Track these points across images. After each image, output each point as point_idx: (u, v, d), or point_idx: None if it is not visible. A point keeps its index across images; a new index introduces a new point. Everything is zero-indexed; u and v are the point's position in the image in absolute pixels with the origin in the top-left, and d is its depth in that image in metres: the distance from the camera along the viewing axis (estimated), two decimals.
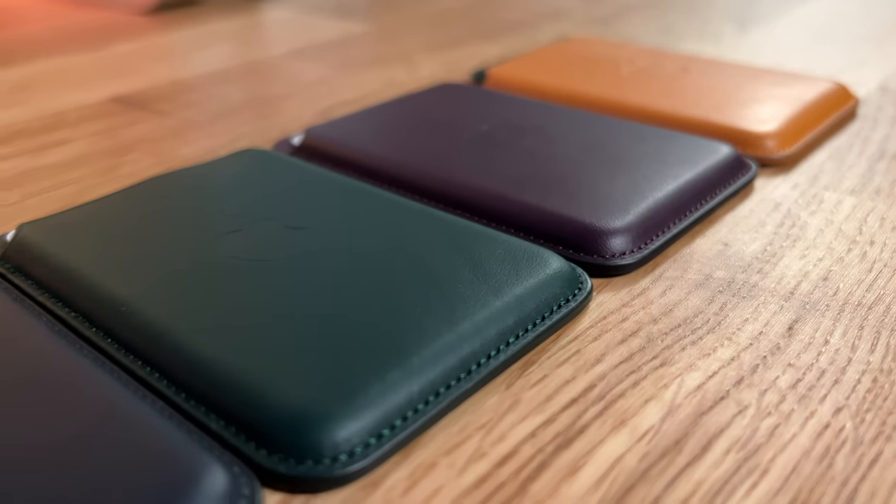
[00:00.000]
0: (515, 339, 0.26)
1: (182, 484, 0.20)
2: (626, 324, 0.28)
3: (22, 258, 0.31)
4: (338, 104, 0.51)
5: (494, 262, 0.29)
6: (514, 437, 0.23)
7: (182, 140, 0.45)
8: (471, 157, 0.38)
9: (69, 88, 0.54)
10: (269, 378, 0.23)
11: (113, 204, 0.34)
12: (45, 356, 0.24)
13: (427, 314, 0.26)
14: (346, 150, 0.39)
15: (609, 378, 0.26)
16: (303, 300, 0.26)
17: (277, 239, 0.30)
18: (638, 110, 0.44)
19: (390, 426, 0.22)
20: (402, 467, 0.22)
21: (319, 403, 0.22)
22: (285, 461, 0.21)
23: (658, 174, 0.36)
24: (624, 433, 0.23)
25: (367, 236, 0.30)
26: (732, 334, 0.28)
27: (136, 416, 0.22)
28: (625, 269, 0.31)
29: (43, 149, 0.44)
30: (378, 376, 0.23)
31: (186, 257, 0.29)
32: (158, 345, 0.25)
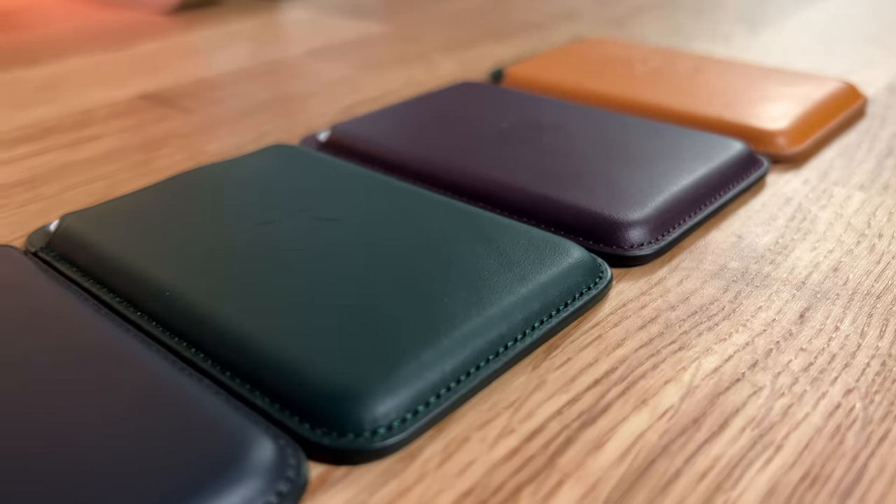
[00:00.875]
0: (540, 324, 0.28)
1: (233, 454, 0.21)
2: (644, 311, 0.30)
3: (66, 246, 0.32)
4: (359, 102, 0.52)
5: (518, 252, 0.30)
6: (542, 415, 0.25)
7: (210, 136, 0.47)
8: (492, 152, 0.39)
9: (97, 86, 0.56)
10: (311, 357, 0.24)
11: (151, 196, 0.35)
12: (95, 336, 0.26)
13: (456, 300, 0.27)
14: (371, 145, 0.41)
15: (630, 361, 0.27)
16: (338, 286, 0.28)
17: (310, 229, 0.32)
18: (653, 108, 0.45)
19: (425, 403, 0.24)
20: (436, 441, 0.24)
21: (360, 381, 0.23)
22: (328, 434, 0.23)
23: (674, 169, 0.37)
24: (645, 412, 0.25)
25: (395, 227, 0.32)
26: (747, 321, 0.29)
27: (186, 391, 0.23)
28: (643, 259, 0.32)
29: (76, 144, 0.46)
30: (413, 356, 0.24)
31: (225, 246, 0.31)
32: (203, 327, 0.26)
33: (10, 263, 0.31)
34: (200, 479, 0.20)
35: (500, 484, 0.22)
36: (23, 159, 0.44)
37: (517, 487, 0.22)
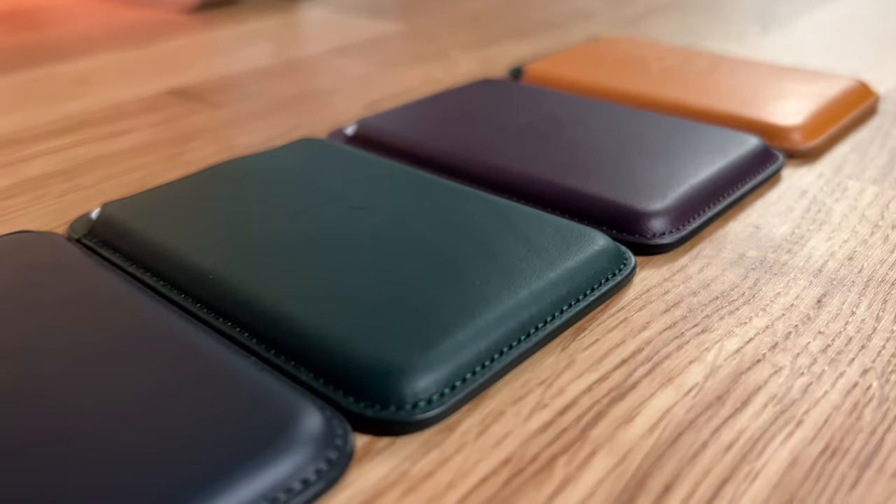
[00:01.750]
0: (568, 307, 0.29)
1: (284, 424, 0.22)
2: (668, 296, 0.31)
3: (108, 233, 0.34)
4: (382, 98, 0.53)
5: (545, 240, 0.31)
6: (572, 391, 0.26)
7: (239, 130, 0.48)
8: (516, 145, 0.40)
9: (125, 82, 0.57)
10: (355, 335, 0.25)
11: (189, 185, 0.37)
12: (144, 316, 0.27)
13: (488, 284, 0.28)
14: (397, 139, 0.42)
15: (655, 342, 0.28)
16: (375, 269, 0.29)
17: (344, 218, 0.33)
18: (670, 105, 0.47)
19: (462, 378, 0.25)
20: (473, 415, 0.25)
21: (402, 357, 0.25)
22: (371, 407, 0.24)
23: (693, 163, 0.38)
24: (671, 389, 0.26)
25: (425, 216, 0.33)
26: (766, 306, 0.30)
27: (235, 366, 0.25)
28: (664, 248, 0.33)
29: (109, 137, 0.47)
30: (450, 335, 0.26)
31: (263, 232, 0.32)
32: (248, 308, 0.28)
33: (56, 248, 0.32)
34: (255, 447, 0.21)
35: (536, 454, 0.23)
36: (59, 151, 0.45)
37: (552, 457, 0.23)
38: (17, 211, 0.38)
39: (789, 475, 0.22)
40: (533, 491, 0.22)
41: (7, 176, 0.42)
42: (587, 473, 0.22)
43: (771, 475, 0.22)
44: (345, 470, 0.22)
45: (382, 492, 0.22)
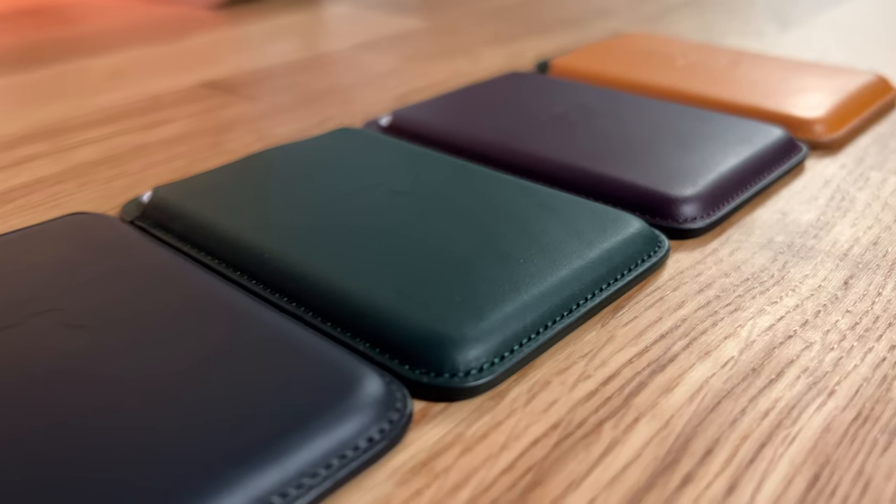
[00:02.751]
0: (607, 286, 0.30)
1: (348, 388, 0.24)
2: (701, 277, 0.32)
3: (160, 215, 0.35)
4: (410, 91, 0.55)
5: (583, 223, 0.33)
6: (614, 363, 0.27)
7: (275, 121, 0.49)
8: (549, 135, 0.42)
9: (160, 75, 0.59)
10: (410, 307, 0.27)
11: (235, 171, 0.38)
12: (204, 290, 0.29)
13: (531, 262, 0.30)
14: (433, 128, 0.44)
15: (691, 319, 0.30)
16: (423, 248, 0.30)
17: (388, 201, 0.34)
18: (694, 97, 0.48)
19: (510, 349, 0.27)
20: (521, 384, 0.26)
21: (454, 328, 0.26)
22: (427, 374, 0.25)
23: (720, 152, 0.39)
24: (708, 362, 0.27)
25: (466, 200, 0.34)
26: (795, 287, 0.32)
27: (295, 336, 0.26)
28: (696, 232, 0.35)
29: (149, 127, 0.49)
30: (499, 309, 0.27)
31: (312, 213, 0.33)
32: (303, 283, 0.29)
33: (112, 228, 0.34)
34: (322, 408, 0.23)
35: (583, 419, 0.25)
36: (103, 140, 0.47)
37: (598, 422, 0.24)
38: (68, 196, 0.40)
39: (824, 439, 0.24)
40: (583, 452, 0.23)
41: (55, 163, 0.44)
42: (633, 437, 0.24)
43: (806, 439, 0.24)
44: (405, 430, 0.24)
45: (441, 451, 0.23)
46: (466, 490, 0.22)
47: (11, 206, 0.39)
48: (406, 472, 0.23)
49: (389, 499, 0.22)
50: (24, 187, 0.41)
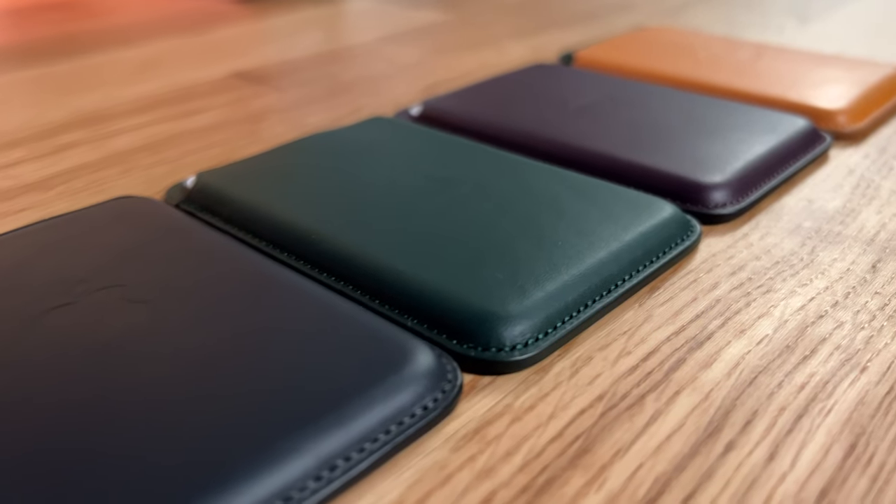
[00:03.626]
0: (643, 268, 0.31)
1: (402, 360, 0.25)
2: (732, 260, 0.33)
3: (205, 199, 0.36)
4: (438, 82, 0.56)
5: (618, 207, 0.34)
6: (653, 341, 0.28)
7: (307, 111, 0.50)
8: (578, 124, 0.43)
9: (190, 66, 0.60)
10: (456, 285, 0.28)
11: (275, 157, 0.39)
12: (256, 268, 0.30)
13: (570, 244, 0.31)
14: (463, 117, 0.45)
15: (725, 300, 0.31)
16: (464, 230, 0.31)
17: (425, 186, 0.35)
18: (719, 89, 0.49)
19: (553, 326, 0.28)
20: (564, 359, 0.27)
21: (500, 305, 0.27)
22: (474, 349, 0.26)
23: (747, 141, 0.40)
24: (744, 339, 0.28)
25: (501, 186, 0.35)
26: (824, 270, 0.33)
27: (347, 311, 0.27)
28: (726, 217, 0.36)
29: (184, 116, 0.50)
30: (541, 288, 0.28)
31: (354, 197, 0.34)
32: (351, 262, 0.30)
33: (160, 211, 0.35)
34: (379, 377, 0.24)
35: (626, 392, 0.26)
36: (141, 128, 0.48)
37: (641, 395, 0.26)
38: (111, 181, 0.41)
39: (859, 411, 0.25)
40: (628, 422, 0.24)
41: (96, 150, 0.45)
42: (675, 408, 0.25)
43: (842, 412, 0.25)
44: (457, 400, 0.25)
45: (492, 420, 0.24)
46: (518, 456, 0.23)
47: (55, 192, 0.40)
48: (459, 439, 0.24)
49: (446, 463, 0.23)
50: (67, 173, 0.42)
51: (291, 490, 0.21)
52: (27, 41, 0.68)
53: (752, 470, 0.23)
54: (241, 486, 0.20)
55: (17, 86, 0.56)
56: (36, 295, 0.28)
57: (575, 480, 0.22)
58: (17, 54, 0.64)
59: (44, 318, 0.27)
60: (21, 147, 0.46)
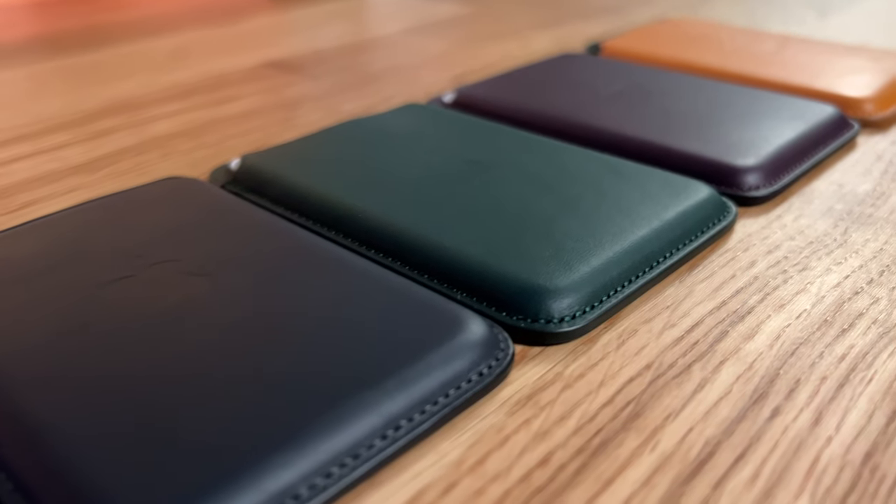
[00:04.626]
0: (683, 245, 0.32)
1: (455, 328, 0.26)
2: (768, 240, 0.34)
3: (251, 181, 0.37)
4: (466, 72, 0.57)
5: (656, 188, 0.34)
6: (696, 314, 0.29)
7: (340, 98, 0.51)
8: (611, 110, 0.43)
9: (222, 55, 0.61)
10: (505, 260, 0.29)
11: (316, 141, 0.40)
12: (306, 243, 0.30)
13: (612, 222, 0.32)
14: (497, 104, 0.45)
15: (763, 277, 0.31)
16: (508, 208, 0.32)
17: (465, 169, 0.36)
18: (746, 78, 0.50)
19: (599, 300, 0.28)
20: (610, 331, 0.28)
21: (548, 279, 0.28)
22: (524, 320, 0.27)
23: (777, 127, 0.41)
24: (783, 314, 0.29)
25: (540, 168, 0.36)
26: (858, 249, 0.33)
27: (399, 283, 0.28)
28: (759, 200, 0.37)
29: (220, 103, 0.51)
30: (587, 263, 0.29)
31: (398, 178, 0.35)
32: (399, 239, 0.31)
33: (207, 190, 0.36)
34: (435, 344, 0.25)
35: (673, 362, 0.27)
36: (177, 115, 0.49)
37: (688, 364, 0.26)
38: (153, 164, 0.42)
39: None
40: (676, 389, 0.25)
41: (135, 135, 0.46)
42: (721, 377, 0.26)
43: (883, 381, 0.26)
44: (510, 367, 0.26)
45: (544, 387, 0.25)
46: (572, 420, 0.24)
47: (101, 174, 0.41)
48: (514, 405, 0.25)
49: (502, 426, 0.24)
50: (110, 156, 0.43)
51: (359, 448, 0.22)
52: (56, 32, 0.69)
53: (798, 433, 0.23)
54: (315, 442, 0.21)
55: (52, 75, 0.57)
56: (97, 267, 0.29)
57: (629, 442, 0.23)
58: (48, 45, 0.65)
59: (107, 289, 0.28)
60: (63, 132, 0.47)
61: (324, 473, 0.21)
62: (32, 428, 0.22)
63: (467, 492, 0.21)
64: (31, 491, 0.20)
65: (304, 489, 0.20)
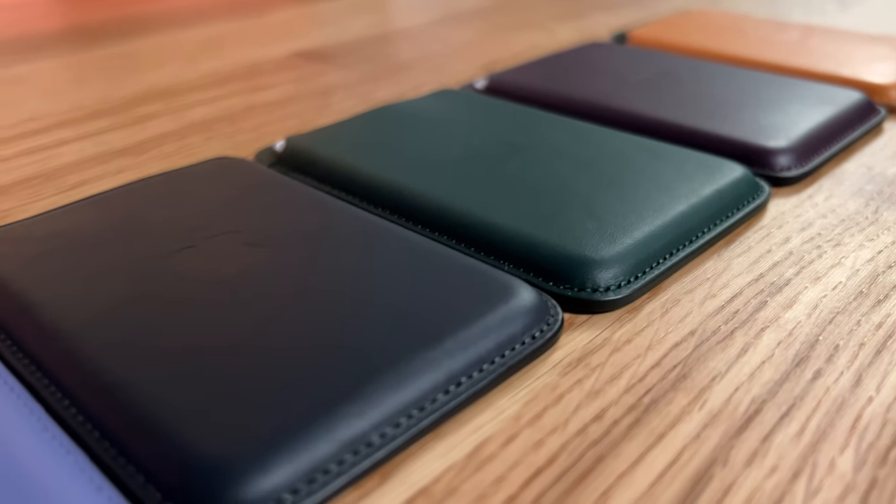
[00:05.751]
0: (721, 221, 0.33)
1: (507, 294, 0.27)
2: (801, 218, 0.35)
3: (296, 161, 0.38)
4: (494, 61, 0.58)
5: (691, 168, 0.36)
6: (736, 285, 0.30)
7: (373, 86, 0.53)
8: (642, 95, 0.44)
9: (253, 45, 0.62)
10: (551, 233, 0.30)
11: (356, 125, 0.41)
12: (356, 218, 0.31)
13: (651, 199, 0.33)
14: (529, 89, 0.47)
15: (797, 252, 0.32)
16: (548, 187, 0.33)
17: (504, 149, 0.37)
18: (772, 66, 0.51)
19: (642, 271, 0.30)
20: (654, 301, 0.29)
21: (593, 251, 0.29)
22: (571, 290, 0.28)
23: (805, 111, 0.42)
24: (819, 285, 0.30)
25: (577, 149, 0.37)
26: (890, 226, 0.34)
27: (449, 254, 0.29)
28: (791, 180, 0.38)
29: (255, 90, 0.52)
30: (629, 236, 0.30)
31: (439, 158, 0.36)
32: (445, 215, 0.32)
33: (255, 169, 0.37)
34: (490, 309, 0.26)
35: (716, 328, 0.28)
36: (214, 101, 0.50)
37: (730, 331, 0.27)
38: (197, 147, 0.43)
39: None
40: (721, 353, 0.26)
41: (176, 120, 0.47)
42: (763, 342, 0.27)
43: None
44: (560, 332, 0.27)
45: (593, 350, 0.26)
46: (622, 381, 0.25)
47: (148, 156, 0.42)
48: (566, 366, 0.26)
49: (556, 385, 0.25)
50: (154, 140, 0.44)
51: (424, 401, 0.23)
52: (90, 23, 0.70)
53: (840, 393, 0.24)
54: (383, 395, 0.22)
55: (89, 64, 0.59)
56: (159, 238, 0.30)
57: (678, 400, 0.24)
58: (84, 36, 0.67)
59: (171, 258, 0.29)
60: (105, 117, 0.48)
61: (393, 423, 0.22)
62: (112, 382, 0.23)
63: (527, 443, 0.23)
64: (118, 439, 0.21)
65: (376, 437, 0.21)
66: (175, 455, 0.20)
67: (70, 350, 0.24)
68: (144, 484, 0.20)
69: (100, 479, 0.21)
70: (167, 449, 0.21)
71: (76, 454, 0.21)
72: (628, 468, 0.22)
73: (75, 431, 0.22)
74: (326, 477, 0.20)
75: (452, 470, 0.22)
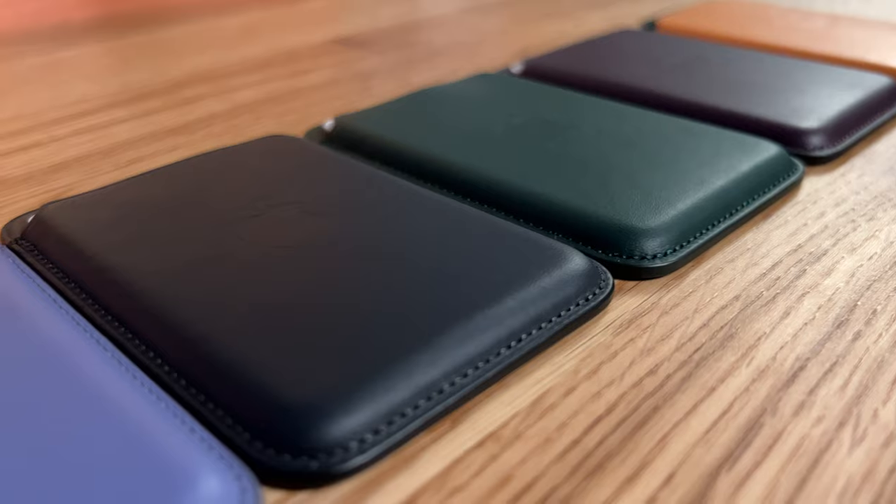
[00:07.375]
0: (759, 195, 0.35)
1: (561, 259, 0.28)
2: (835, 194, 0.36)
3: (346, 139, 0.40)
4: (527, 47, 0.59)
5: (728, 146, 0.37)
6: (775, 255, 0.31)
7: (410, 72, 0.54)
8: (675, 78, 0.46)
9: (290, 33, 0.64)
10: (598, 205, 0.31)
11: (401, 105, 0.43)
12: (410, 189, 0.33)
13: (692, 173, 0.34)
14: (565, 73, 0.48)
15: (833, 225, 0.34)
16: (592, 162, 0.35)
17: (547, 128, 0.39)
18: (800, 52, 0.52)
19: (686, 241, 0.31)
20: (697, 269, 0.31)
21: (640, 220, 0.31)
22: (619, 257, 0.30)
23: (835, 94, 0.43)
24: (855, 256, 0.31)
25: (616, 128, 0.39)
26: None
27: (504, 225, 0.31)
28: (824, 159, 0.39)
29: (297, 75, 0.54)
30: (673, 207, 0.32)
31: (485, 136, 0.38)
32: (495, 188, 0.34)
33: (307, 147, 0.38)
34: (547, 272, 0.27)
35: (759, 294, 0.29)
36: (259, 84, 0.52)
37: (773, 296, 0.29)
38: (247, 126, 0.45)
39: None
40: (765, 315, 0.28)
41: (223, 102, 0.49)
42: (804, 305, 0.28)
43: None
44: (611, 295, 0.28)
45: (643, 313, 0.28)
46: (672, 340, 0.26)
47: (199, 135, 0.44)
48: (618, 327, 0.27)
49: (610, 343, 0.26)
50: (203, 120, 0.46)
51: (489, 354, 0.24)
52: (127, 11, 0.72)
53: (880, 352, 0.26)
54: (452, 348, 0.24)
55: (130, 49, 0.60)
56: (223, 208, 0.32)
57: (727, 357, 0.26)
58: (122, 23, 0.68)
59: (238, 225, 0.30)
60: (154, 99, 0.49)
61: (461, 374, 0.23)
62: (196, 335, 0.24)
63: (586, 394, 0.24)
64: (205, 386, 0.23)
65: (447, 385, 0.23)
66: (262, 399, 0.22)
67: (153, 307, 0.26)
68: (233, 425, 0.22)
69: (191, 422, 0.22)
70: (254, 394, 0.22)
71: (167, 401, 0.23)
72: (683, 417, 0.23)
73: (163, 381, 0.24)
74: (403, 420, 0.22)
75: (518, 416, 0.23)
